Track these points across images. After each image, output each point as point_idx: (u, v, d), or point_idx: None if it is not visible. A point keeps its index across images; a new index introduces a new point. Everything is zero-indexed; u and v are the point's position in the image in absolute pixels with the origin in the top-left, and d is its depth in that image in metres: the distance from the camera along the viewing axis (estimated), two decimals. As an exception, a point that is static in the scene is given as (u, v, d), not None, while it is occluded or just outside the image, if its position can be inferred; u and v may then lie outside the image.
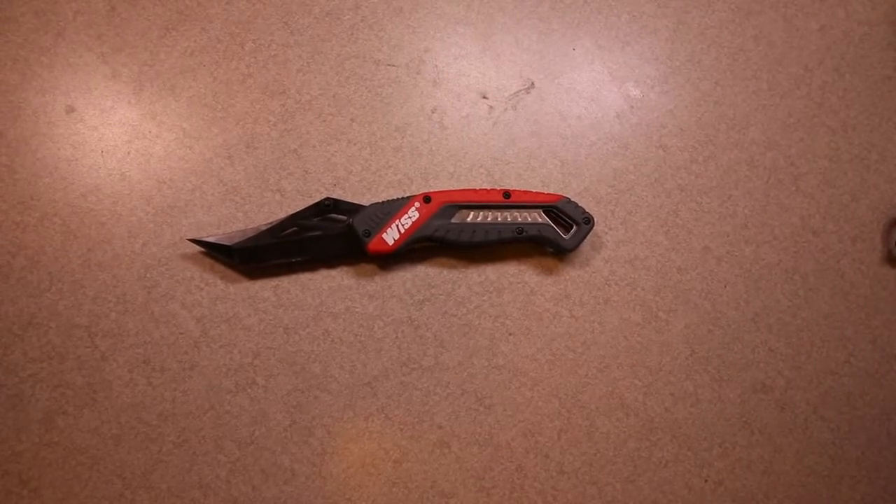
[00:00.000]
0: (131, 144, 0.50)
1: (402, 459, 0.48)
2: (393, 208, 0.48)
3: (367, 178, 0.51)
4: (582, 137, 0.54)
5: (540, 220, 0.49)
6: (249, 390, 0.47)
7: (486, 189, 0.49)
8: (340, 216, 0.48)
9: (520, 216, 0.49)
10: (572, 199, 0.50)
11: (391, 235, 0.48)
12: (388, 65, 0.53)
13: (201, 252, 0.48)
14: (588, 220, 0.50)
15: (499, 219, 0.49)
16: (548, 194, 0.50)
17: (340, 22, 0.53)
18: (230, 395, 0.47)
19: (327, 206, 0.48)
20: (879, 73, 0.58)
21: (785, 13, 0.58)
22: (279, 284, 0.49)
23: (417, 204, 0.48)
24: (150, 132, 0.50)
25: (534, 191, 0.51)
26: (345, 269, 0.50)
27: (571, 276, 0.52)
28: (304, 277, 0.49)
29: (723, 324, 0.52)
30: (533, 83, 0.54)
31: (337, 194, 0.50)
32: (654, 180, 0.54)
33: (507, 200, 0.49)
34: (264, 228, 0.48)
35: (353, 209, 0.48)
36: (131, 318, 0.47)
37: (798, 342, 0.53)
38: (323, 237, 0.48)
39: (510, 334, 0.50)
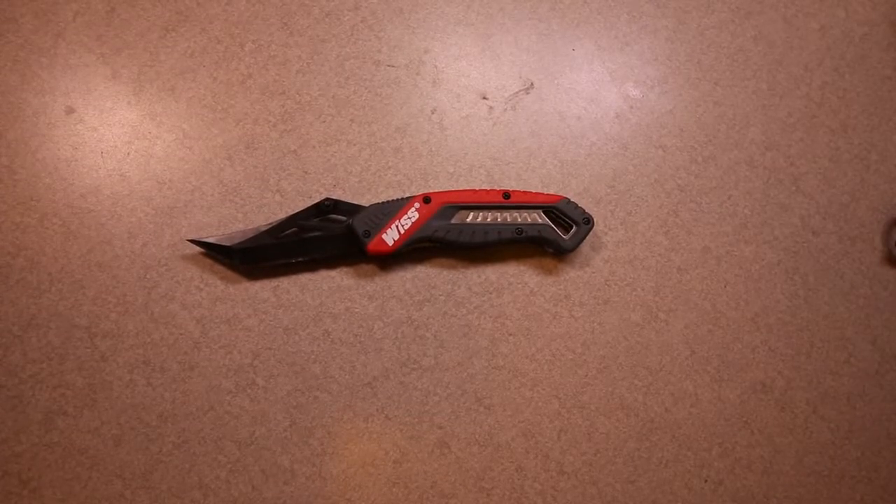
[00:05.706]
0: (131, 145, 0.50)
1: (402, 459, 0.48)
2: (393, 209, 0.48)
3: (367, 179, 0.51)
4: (581, 138, 0.54)
5: (540, 220, 0.49)
6: (249, 391, 0.47)
7: (485, 189, 0.49)
8: (340, 217, 0.48)
9: (519, 217, 0.49)
10: (572, 200, 0.50)
11: (391, 236, 0.48)
12: (388, 65, 0.53)
13: (201, 253, 0.49)
14: (588, 221, 0.50)
15: (498, 219, 0.49)
16: (547, 195, 0.50)
17: (340, 22, 0.53)
18: (230, 395, 0.47)
19: (327, 207, 0.48)
20: (879, 73, 0.58)
21: (785, 13, 0.58)
22: (279, 285, 0.49)
23: (417, 204, 0.48)
24: (149, 133, 0.50)
25: (533, 191, 0.51)
26: (345, 269, 0.50)
27: (571, 277, 0.52)
28: (304, 278, 0.49)
29: (723, 324, 0.52)
30: (532, 83, 0.54)
31: (337, 195, 0.50)
32: (654, 180, 0.54)
33: (507, 201, 0.49)
34: (264, 229, 0.48)
35: (352, 210, 0.48)
36: (131, 319, 0.47)
37: (798, 342, 0.53)
38: (323, 238, 0.48)
39: (510, 335, 0.50)
